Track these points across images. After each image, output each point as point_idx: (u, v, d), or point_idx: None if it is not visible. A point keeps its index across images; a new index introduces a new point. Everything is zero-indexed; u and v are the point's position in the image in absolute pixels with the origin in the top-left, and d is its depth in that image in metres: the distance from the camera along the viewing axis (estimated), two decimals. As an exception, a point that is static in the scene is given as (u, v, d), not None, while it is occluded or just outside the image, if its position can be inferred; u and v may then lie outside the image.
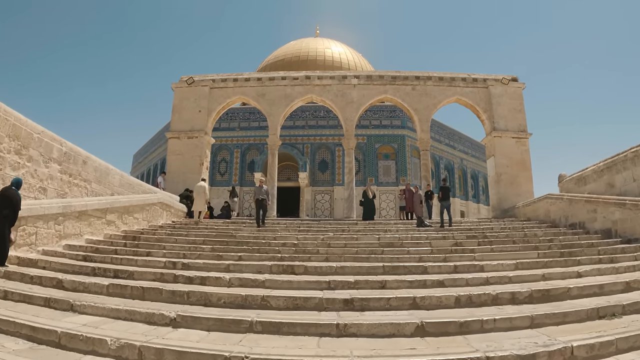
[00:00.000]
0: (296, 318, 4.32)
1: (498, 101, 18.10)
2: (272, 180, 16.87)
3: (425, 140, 17.35)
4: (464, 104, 18.66)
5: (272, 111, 17.30)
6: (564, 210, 12.84)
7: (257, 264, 6.67)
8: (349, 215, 16.48)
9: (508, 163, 17.49)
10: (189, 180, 16.68)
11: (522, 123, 18.16)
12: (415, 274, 6.43)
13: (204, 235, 10.23)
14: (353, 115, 17.24)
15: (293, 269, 6.39)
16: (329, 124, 31.35)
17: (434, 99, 17.87)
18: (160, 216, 13.47)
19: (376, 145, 31.53)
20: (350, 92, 17.44)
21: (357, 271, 6.38)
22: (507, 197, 17.06)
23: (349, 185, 17.02)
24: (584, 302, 5.29)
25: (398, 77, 17.82)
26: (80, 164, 10.16)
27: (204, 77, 18.04)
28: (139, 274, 6.41)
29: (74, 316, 4.78)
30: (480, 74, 18.84)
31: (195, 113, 17.44)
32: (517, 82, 18.68)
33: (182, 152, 17.10)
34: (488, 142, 18.27)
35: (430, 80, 18.00)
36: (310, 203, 30.30)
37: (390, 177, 31.22)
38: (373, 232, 10.85)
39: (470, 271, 6.80)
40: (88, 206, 9.82)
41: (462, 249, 8.58)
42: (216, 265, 6.76)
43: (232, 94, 17.70)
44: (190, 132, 17.18)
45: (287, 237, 9.73)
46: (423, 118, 17.53)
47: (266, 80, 17.58)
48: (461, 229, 11.95)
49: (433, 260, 7.42)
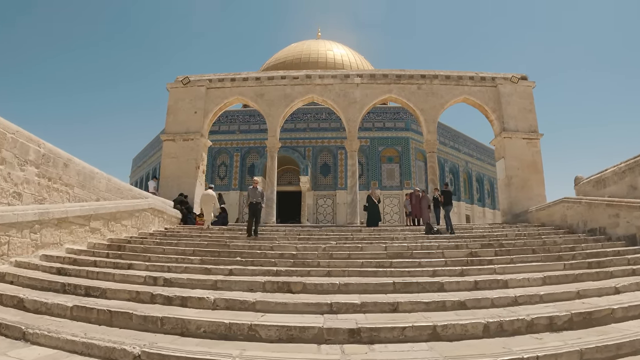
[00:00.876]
0: (290, 356, 3.47)
1: (507, 100, 17.29)
2: (272, 184, 16.04)
3: (432, 141, 16.51)
4: (472, 103, 17.85)
5: (271, 112, 16.50)
6: (583, 215, 12.01)
7: (248, 280, 5.80)
8: (353, 220, 15.61)
9: (519, 165, 16.65)
10: (184, 184, 15.92)
11: (533, 123, 17.33)
12: (431, 291, 5.57)
13: (195, 244, 9.40)
14: (356, 116, 16.42)
15: (289, 286, 5.53)
16: (331, 126, 30.53)
17: (441, 98, 17.05)
18: (152, 223, 12.66)
19: (379, 148, 30.63)
20: (353, 92, 16.62)
21: (364, 289, 5.51)
22: (518, 201, 16.21)
23: (352, 189, 16.16)
24: (632, 327, 4.49)
25: (403, 75, 17.01)
26: (60, 167, 9.36)
27: (200, 77, 17.30)
28: (113, 292, 5.58)
29: (23, 347, 3.96)
30: (489, 72, 18.05)
31: (191, 114, 16.67)
32: (526, 80, 17.86)
33: (177, 155, 16.32)
34: (497, 143, 17.43)
35: (437, 79, 17.20)
36: (312, 208, 29.35)
37: (394, 180, 30.30)
38: (379, 240, 9.98)
39: (493, 287, 5.94)
40: (69, 213, 9.01)
41: (479, 259, 7.72)
42: (202, 281, 5.91)
43: (230, 94, 16.92)
44: (185, 134, 16.40)
45: (286, 246, 8.87)
46: (429, 118, 16.70)
47: (265, 79, 16.81)
48: (473, 236, 11.08)
49: (449, 274, 6.56)
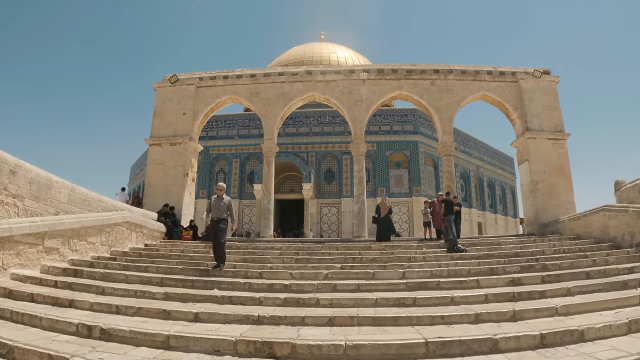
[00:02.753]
0: None
1: (530, 97, 15.51)
2: (269, 193, 14.28)
3: (448, 144, 14.72)
4: (491, 101, 16.06)
5: (267, 112, 14.81)
6: (629, 226, 10.17)
7: (214, 338, 4.01)
8: (360, 233, 13.80)
9: (545, 169, 14.84)
10: (171, 194, 14.25)
11: (559, 122, 15.53)
12: (481, 354, 3.77)
13: (168, 269, 7.64)
14: (362, 116, 14.68)
15: (272, 347, 3.74)
16: (335, 130, 28.85)
17: (457, 95, 15.29)
18: (128, 239, 10.97)
19: (387, 152, 28.82)
20: (359, 89, 14.90)
21: (382, 352, 3.72)
22: (545, 209, 14.38)
23: (359, 198, 14.37)
24: None
25: (414, 70, 15.28)
26: (6, 175, 7.71)
27: (191, 75, 15.69)
28: (21, 353, 3.88)
29: None
30: (508, 66, 16.29)
31: (179, 116, 15.03)
32: (550, 75, 16.07)
33: (164, 161, 14.67)
34: (520, 144, 15.61)
35: (452, 73, 15.46)
36: (315, 217, 27.50)
37: (402, 187, 28.46)
38: (393, 261, 8.18)
39: (565, 341, 4.11)
40: (14, 230, 7.33)
41: (528, 291, 5.88)
42: (151, 336, 4.16)
43: (222, 93, 15.27)
44: (173, 137, 14.76)
45: (278, 272, 7.11)
46: (445, 118, 14.92)
47: (261, 77, 15.15)
48: (505, 254, 9.24)
49: (496, 319, 4.75)
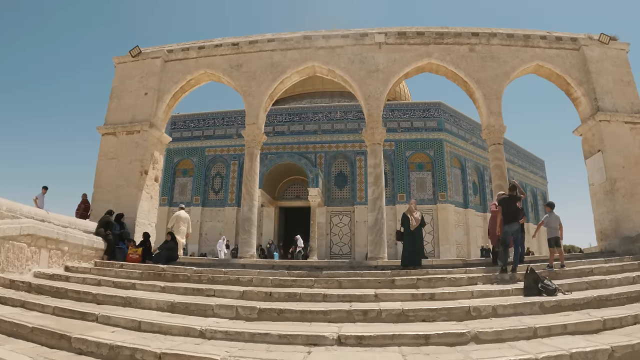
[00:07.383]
0: None
1: (598, 68, 11.53)
2: (250, 197, 10.48)
3: (496, 127, 10.78)
4: (547, 74, 12.07)
5: (251, 89, 11.17)
6: None
7: None
8: (377, 254, 9.84)
9: (624, 162, 10.87)
10: (123, 197, 10.72)
11: (635, 101, 11.53)
12: None
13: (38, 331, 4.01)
14: (379, 91, 10.86)
15: None
16: (348, 127, 25.11)
17: (505, 64, 11.38)
18: (34, 260, 7.43)
19: (407, 152, 24.80)
20: (374, 57, 11.11)
21: None
22: (627, 217, 10.36)
23: (375, 203, 10.46)
24: None
25: (447, 33, 11.44)
26: None
27: (159, 48, 12.28)
28: None
29: None
30: (565, 32, 12.35)
31: (140, 96, 11.58)
32: (618, 42, 12.07)
33: (118, 154, 11.18)
34: (588, 131, 11.57)
35: (496, 37, 11.57)
36: (324, 227, 23.61)
37: (425, 192, 24.40)
38: (438, 319, 4.35)
39: None
40: None
41: None
42: None
43: (195, 67, 11.75)
44: (130, 124, 11.27)
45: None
46: (490, 93, 11.02)
47: (245, 45, 11.58)
48: (607, 297, 5.30)
49: None
